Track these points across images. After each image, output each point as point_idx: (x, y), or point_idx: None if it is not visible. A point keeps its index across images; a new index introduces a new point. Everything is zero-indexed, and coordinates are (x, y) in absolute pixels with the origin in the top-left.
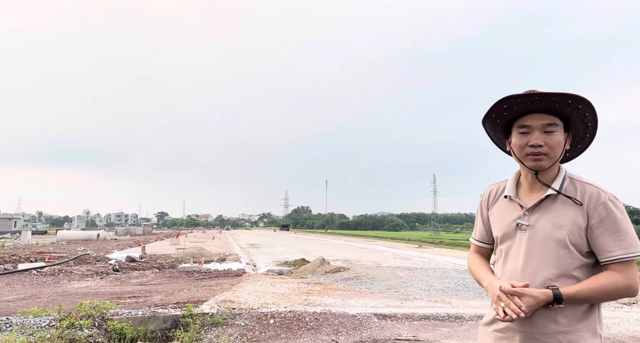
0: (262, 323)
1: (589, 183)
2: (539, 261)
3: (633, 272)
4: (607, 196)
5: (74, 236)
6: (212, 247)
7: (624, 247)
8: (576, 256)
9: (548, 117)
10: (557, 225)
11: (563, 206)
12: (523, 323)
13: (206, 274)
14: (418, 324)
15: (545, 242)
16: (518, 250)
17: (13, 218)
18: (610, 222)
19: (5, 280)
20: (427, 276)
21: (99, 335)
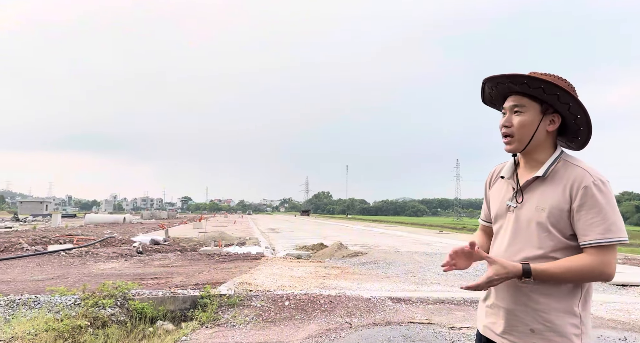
0: (278, 304)
1: (579, 165)
2: (522, 242)
3: (608, 257)
4: (591, 179)
5: (101, 219)
6: (233, 231)
7: (601, 231)
8: (557, 238)
9: (517, 99)
10: (540, 208)
11: (549, 188)
12: (506, 300)
13: (226, 257)
14: (433, 308)
15: (528, 223)
16: (505, 231)
17: (44, 202)
18: (591, 206)
19: (36, 260)
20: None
21: (120, 314)
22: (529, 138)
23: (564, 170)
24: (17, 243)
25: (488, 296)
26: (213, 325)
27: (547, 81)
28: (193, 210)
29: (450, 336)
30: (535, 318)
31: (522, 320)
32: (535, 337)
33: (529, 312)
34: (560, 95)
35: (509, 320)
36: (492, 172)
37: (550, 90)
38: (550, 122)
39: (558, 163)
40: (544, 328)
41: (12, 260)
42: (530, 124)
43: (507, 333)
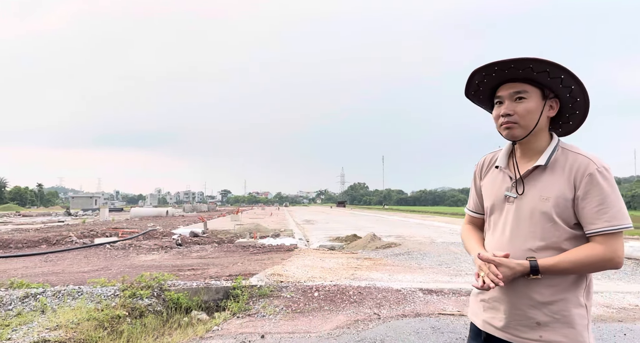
0: (307, 295)
1: (580, 153)
2: (525, 233)
3: (616, 244)
4: (595, 167)
5: (146, 213)
6: (269, 223)
7: (607, 219)
8: (563, 228)
9: (517, 85)
10: (543, 197)
11: (551, 177)
12: (508, 293)
13: (260, 249)
14: (465, 299)
15: (531, 214)
16: (505, 222)
17: (94, 197)
18: (596, 194)
19: (84, 253)
20: None
21: (157, 304)
22: (534, 125)
23: (564, 158)
24: (67, 237)
25: (483, 290)
26: (244, 315)
27: (552, 63)
28: (232, 202)
29: None
30: (542, 311)
31: (526, 313)
32: (542, 329)
33: (534, 305)
34: (564, 78)
35: (513, 314)
36: (482, 162)
37: (555, 73)
38: (550, 108)
39: (557, 151)
40: (551, 320)
41: (62, 252)
42: (535, 110)
43: (510, 328)
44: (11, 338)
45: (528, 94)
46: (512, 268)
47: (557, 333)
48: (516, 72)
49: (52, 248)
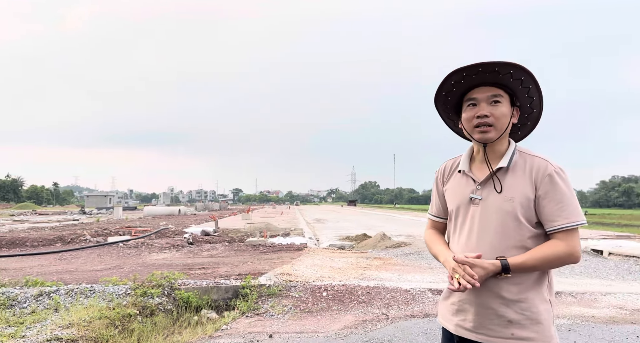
0: (316, 295)
1: (537, 155)
2: (491, 233)
3: (575, 240)
4: (553, 168)
5: (159, 211)
6: (280, 221)
7: (566, 216)
8: (526, 227)
9: (493, 89)
10: (508, 198)
11: (513, 179)
12: (477, 293)
13: (270, 248)
14: None
15: (496, 214)
16: (472, 224)
17: (108, 196)
18: (555, 193)
19: (97, 251)
20: None
21: (168, 303)
22: (505, 128)
23: (523, 161)
24: (82, 235)
25: (453, 293)
26: (253, 314)
27: (529, 73)
28: (243, 201)
29: None
30: (512, 309)
31: (497, 312)
32: (513, 327)
33: (504, 303)
34: (531, 89)
35: (484, 315)
36: (443, 168)
37: (527, 83)
38: (514, 115)
39: (516, 154)
40: (522, 317)
41: (77, 251)
42: (508, 114)
43: (483, 328)
44: (25, 336)
45: (503, 99)
46: (485, 268)
47: (528, 330)
48: (496, 76)
49: (66, 246)
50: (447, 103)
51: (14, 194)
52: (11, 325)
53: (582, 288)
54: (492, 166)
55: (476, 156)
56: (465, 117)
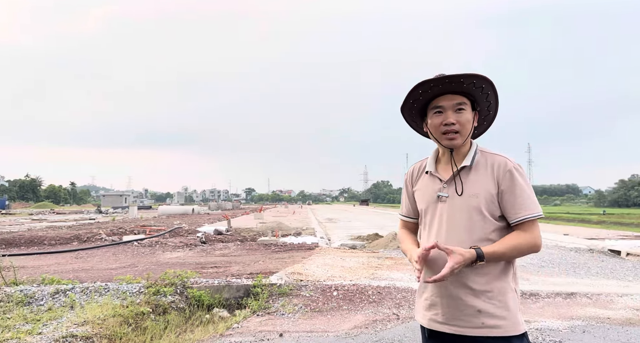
0: (326, 294)
1: (497, 154)
2: (458, 228)
3: (537, 230)
4: (512, 164)
5: (173, 211)
6: (292, 221)
7: (528, 208)
8: (490, 221)
9: (458, 97)
10: (472, 194)
11: (476, 176)
12: (448, 287)
13: (282, 247)
14: None
15: (462, 210)
16: (440, 220)
17: (124, 195)
18: (517, 188)
19: (113, 250)
20: None
21: (180, 302)
22: (469, 133)
23: (484, 159)
24: (97, 234)
25: (425, 289)
26: (264, 313)
27: (477, 75)
28: (256, 200)
29: None
30: (481, 299)
31: (467, 303)
32: (482, 316)
33: (473, 294)
34: (489, 95)
35: (455, 306)
36: (412, 171)
37: (486, 89)
38: (473, 119)
39: (477, 154)
40: (490, 306)
41: (92, 249)
42: (471, 120)
43: (455, 319)
44: (42, 333)
45: (466, 106)
46: (463, 254)
47: (497, 318)
48: (461, 86)
49: (82, 245)
50: (412, 109)
51: (32, 193)
52: (28, 322)
53: (598, 290)
54: (457, 166)
55: (441, 157)
56: (432, 123)
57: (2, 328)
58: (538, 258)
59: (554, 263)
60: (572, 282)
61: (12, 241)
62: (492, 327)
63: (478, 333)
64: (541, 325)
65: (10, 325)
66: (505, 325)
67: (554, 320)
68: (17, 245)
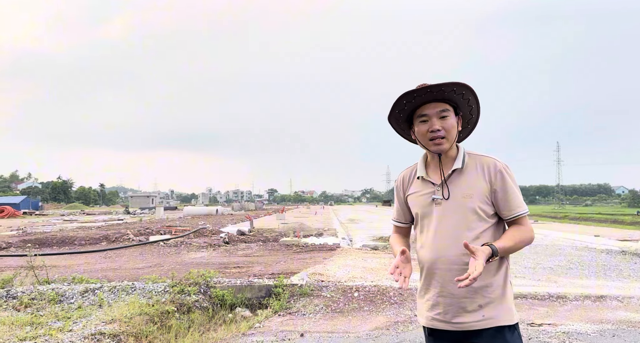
0: (347, 295)
1: (485, 155)
2: (455, 228)
3: (529, 224)
4: (502, 165)
5: (197, 211)
6: (313, 221)
7: (519, 205)
8: (484, 219)
9: (441, 105)
10: (467, 195)
11: (468, 178)
12: (450, 286)
13: (303, 248)
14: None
15: (457, 211)
16: (437, 222)
17: (150, 196)
18: (508, 186)
19: (140, 250)
20: (535, 254)
21: (204, 301)
22: (454, 138)
23: (473, 161)
24: (125, 235)
25: (427, 290)
26: (285, 313)
27: (457, 83)
28: (278, 201)
29: (528, 333)
30: (481, 294)
31: (470, 300)
32: (484, 310)
33: (473, 291)
34: (470, 100)
35: (458, 304)
36: (402, 178)
37: (467, 95)
38: (457, 123)
39: (466, 156)
40: (489, 299)
41: (120, 249)
42: (455, 125)
43: (458, 317)
44: (72, 330)
45: (449, 112)
46: (484, 251)
47: (495, 309)
48: (442, 94)
49: (111, 245)
50: (399, 119)
51: (64, 195)
52: (60, 319)
53: (630, 293)
54: (446, 170)
55: (430, 162)
56: (419, 131)
57: (36, 325)
58: (566, 260)
59: (584, 265)
60: (602, 285)
61: (45, 241)
62: (491, 318)
63: (479, 326)
64: (569, 328)
65: (43, 322)
66: (502, 315)
67: (582, 324)
68: (50, 245)
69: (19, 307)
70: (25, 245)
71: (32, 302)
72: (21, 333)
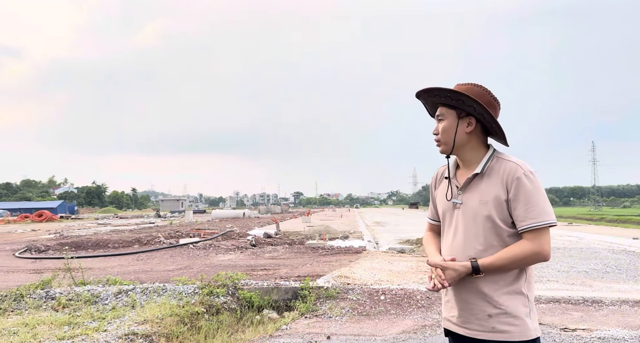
0: (373, 298)
1: (511, 160)
2: (470, 235)
3: (542, 239)
4: (522, 171)
5: (225, 214)
6: (339, 224)
7: (533, 216)
8: (502, 228)
9: (440, 108)
10: (483, 201)
11: (488, 183)
12: (461, 290)
13: (329, 250)
14: (544, 307)
15: (474, 217)
16: (455, 226)
17: (180, 200)
18: (523, 195)
19: (170, 252)
20: (569, 257)
21: (232, 302)
22: (452, 140)
23: (497, 166)
24: (156, 237)
25: (447, 292)
26: (311, 315)
27: (450, 90)
28: (304, 204)
29: (561, 338)
30: (491, 304)
31: (479, 308)
32: (492, 320)
33: (484, 299)
34: (464, 100)
35: (467, 310)
36: (436, 175)
37: (455, 96)
38: (467, 125)
39: (492, 160)
40: (499, 311)
41: (152, 252)
42: (450, 128)
43: (467, 322)
44: (107, 330)
45: (444, 116)
46: (456, 269)
47: (507, 324)
48: (439, 99)
49: (143, 248)
50: None
51: (98, 199)
52: (95, 320)
53: None
54: (468, 173)
55: (460, 163)
56: None
57: (73, 325)
58: (602, 264)
59: (621, 269)
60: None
61: (81, 244)
62: (501, 332)
63: (488, 337)
64: (604, 334)
65: (79, 322)
66: (514, 330)
67: (619, 329)
68: (85, 247)
69: (57, 307)
70: (62, 248)
71: (69, 302)
72: (60, 332)
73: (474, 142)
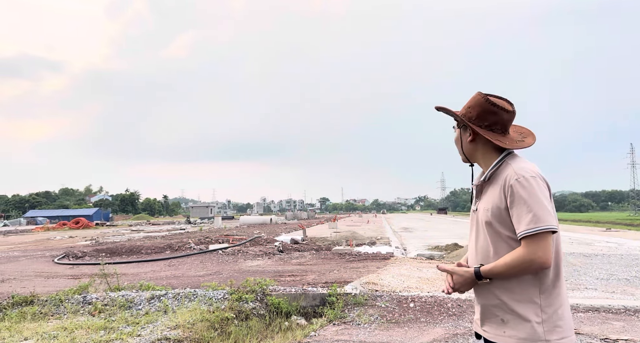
0: (402, 306)
1: (512, 164)
2: (480, 241)
3: (535, 246)
4: (515, 177)
5: (252, 221)
6: (366, 230)
7: (526, 223)
8: (506, 234)
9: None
10: (486, 209)
11: (492, 190)
12: (481, 295)
13: (356, 257)
14: (583, 316)
15: (481, 223)
16: (471, 232)
17: (209, 206)
18: (517, 202)
19: (200, 258)
20: (608, 264)
21: (260, 308)
22: (461, 151)
23: (501, 172)
24: (187, 243)
25: (475, 297)
26: (340, 322)
27: (436, 107)
28: (330, 210)
29: None
30: (504, 309)
31: (494, 312)
32: (505, 326)
33: (497, 305)
34: (450, 114)
35: (485, 313)
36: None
37: (445, 111)
38: (469, 135)
39: (500, 166)
40: (511, 317)
41: (182, 258)
42: (456, 140)
43: (485, 325)
44: (141, 335)
45: (454, 129)
46: (461, 275)
47: (516, 329)
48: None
49: (174, 254)
50: None
51: (131, 206)
52: (129, 324)
53: None
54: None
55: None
56: None
57: (109, 330)
58: None
59: None
60: None
61: (115, 250)
62: (512, 337)
63: (500, 341)
64: None
65: (115, 327)
66: (524, 337)
67: None
68: (119, 254)
69: (93, 312)
70: (98, 254)
71: (105, 307)
72: (96, 337)
73: (482, 150)
